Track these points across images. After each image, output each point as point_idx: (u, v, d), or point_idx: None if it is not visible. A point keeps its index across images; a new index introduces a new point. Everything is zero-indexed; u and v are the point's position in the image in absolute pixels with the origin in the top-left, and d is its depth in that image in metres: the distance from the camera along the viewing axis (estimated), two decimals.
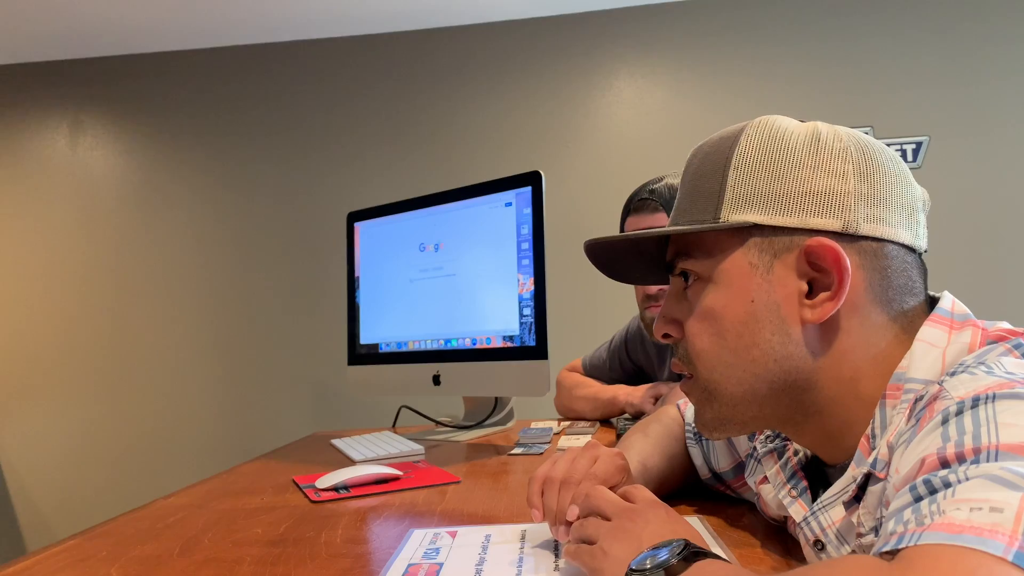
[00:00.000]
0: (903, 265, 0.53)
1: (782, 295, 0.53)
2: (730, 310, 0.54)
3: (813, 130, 0.55)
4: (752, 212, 0.53)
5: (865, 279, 0.52)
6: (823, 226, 0.51)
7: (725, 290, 0.55)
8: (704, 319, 0.56)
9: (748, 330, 0.54)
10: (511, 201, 1.33)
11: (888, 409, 0.49)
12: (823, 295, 0.51)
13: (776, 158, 0.54)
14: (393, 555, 0.66)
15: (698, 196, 0.56)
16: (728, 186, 0.54)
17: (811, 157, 0.53)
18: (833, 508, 0.51)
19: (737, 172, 0.54)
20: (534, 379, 1.24)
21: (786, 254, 0.52)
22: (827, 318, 0.51)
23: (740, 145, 0.55)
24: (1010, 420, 0.37)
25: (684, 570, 0.43)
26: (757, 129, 0.56)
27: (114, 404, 2.95)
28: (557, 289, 1.72)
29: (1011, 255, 2.64)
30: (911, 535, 0.33)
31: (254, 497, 0.97)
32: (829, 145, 0.53)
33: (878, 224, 0.52)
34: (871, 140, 0.55)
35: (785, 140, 0.54)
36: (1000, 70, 2.68)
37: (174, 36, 2.92)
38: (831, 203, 0.52)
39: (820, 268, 0.51)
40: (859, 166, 0.52)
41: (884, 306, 0.52)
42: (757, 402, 0.55)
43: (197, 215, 3.00)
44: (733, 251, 0.54)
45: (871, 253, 0.52)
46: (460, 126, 2.93)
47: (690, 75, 2.84)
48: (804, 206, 0.52)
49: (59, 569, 0.68)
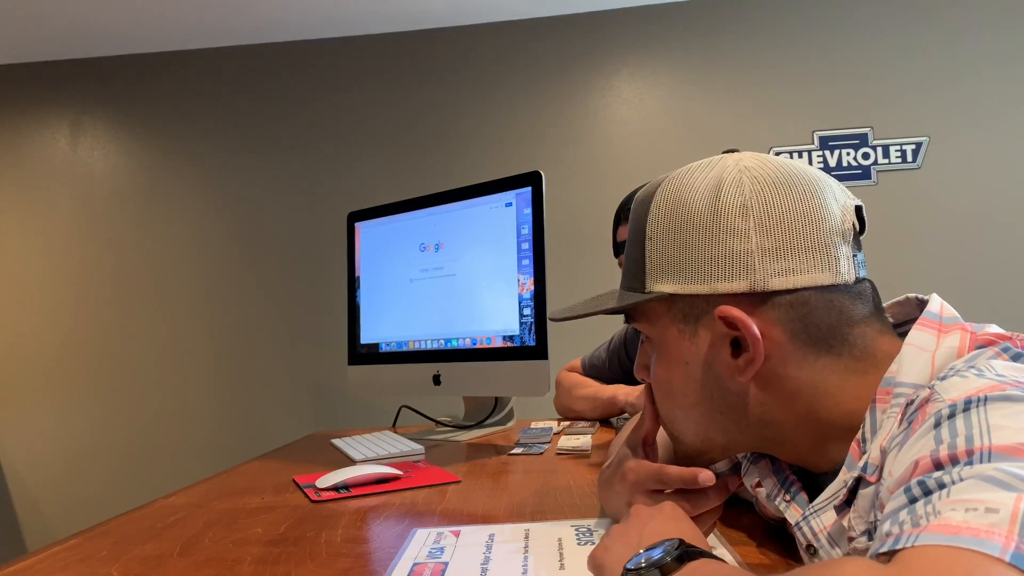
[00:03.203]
0: (827, 306, 0.52)
1: (711, 356, 0.54)
2: (671, 373, 0.58)
3: (715, 185, 0.54)
4: (668, 282, 0.55)
5: (786, 331, 0.52)
6: (731, 289, 0.52)
7: (664, 355, 0.58)
8: (656, 379, 0.60)
9: (690, 390, 0.56)
10: (511, 201, 1.33)
11: (878, 413, 0.49)
12: (745, 356, 0.52)
13: (680, 227, 0.55)
14: (398, 555, 0.66)
15: (630, 262, 0.59)
16: (648, 256, 0.56)
17: (711, 220, 0.53)
18: (824, 513, 0.51)
19: (651, 243, 0.56)
20: (534, 379, 1.24)
21: (705, 318, 0.54)
22: (757, 373, 0.52)
23: (651, 213, 0.57)
24: (1002, 422, 0.37)
25: (677, 569, 0.43)
26: (664, 193, 0.57)
27: (114, 404, 2.96)
28: (557, 289, 1.72)
29: (1010, 255, 2.64)
30: (907, 536, 0.33)
31: (254, 497, 0.97)
32: (728, 203, 0.53)
33: (788, 276, 0.51)
34: (781, 175, 0.53)
35: (686, 205, 0.55)
36: (1000, 71, 2.68)
37: (174, 36, 2.93)
38: (735, 266, 0.52)
39: (738, 328, 0.52)
40: (760, 220, 0.52)
41: (818, 348, 0.52)
42: (718, 444, 0.58)
43: (197, 215, 3.00)
44: (664, 318, 0.57)
45: (787, 305, 0.52)
46: (460, 126, 2.93)
47: (690, 75, 2.84)
48: (711, 272, 0.53)
49: (59, 569, 0.69)
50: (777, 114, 2.78)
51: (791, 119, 2.78)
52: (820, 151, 2.76)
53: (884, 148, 2.73)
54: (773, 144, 2.77)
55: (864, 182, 2.73)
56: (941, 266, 2.66)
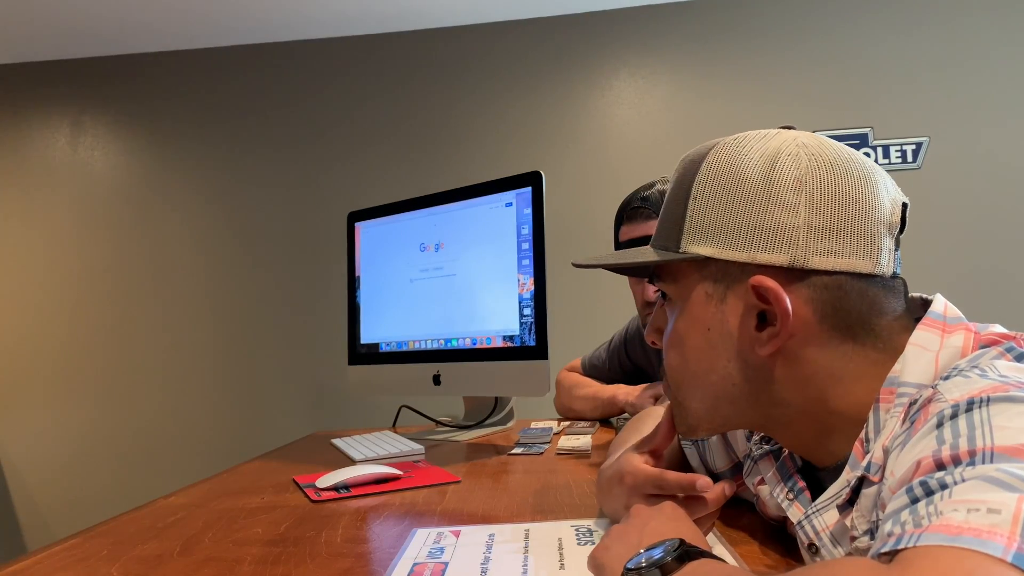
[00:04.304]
0: (860, 294, 0.51)
1: (735, 326, 0.54)
2: (690, 336, 0.57)
3: (772, 156, 0.53)
4: (706, 245, 0.54)
5: (816, 312, 0.51)
6: (770, 261, 0.51)
7: (687, 316, 0.57)
8: (672, 340, 0.59)
9: (706, 356, 0.56)
10: (511, 201, 1.33)
11: (882, 413, 0.49)
12: (770, 330, 0.52)
13: (730, 190, 0.54)
14: (398, 554, 0.66)
15: (667, 221, 0.58)
16: (688, 216, 0.56)
17: (763, 190, 0.52)
18: (827, 512, 0.51)
19: (695, 203, 0.55)
20: (534, 379, 1.24)
21: (737, 286, 0.53)
22: (778, 350, 0.52)
23: (701, 173, 0.56)
24: (1004, 423, 0.37)
25: (678, 569, 0.43)
26: (717, 156, 0.56)
27: (114, 404, 2.95)
28: (557, 289, 1.72)
29: (1010, 255, 2.64)
30: (909, 536, 0.33)
31: (254, 497, 0.97)
32: (784, 174, 0.52)
33: (830, 257, 0.51)
34: (839, 157, 0.53)
35: (740, 170, 0.54)
36: (1000, 70, 2.68)
37: (174, 36, 2.93)
38: (780, 238, 0.51)
39: (768, 301, 0.51)
40: (813, 197, 0.51)
41: (844, 334, 0.51)
42: (721, 414, 0.58)
43: (197, 215, 3.00)
44: (693, 280, 0.56)
45: (822, 286, 0.51)
46: (460, 126, 2.93)
47: (690, 75, 2.84)
48: (753, 241, 0.52)
49: (59, 569, 0.68)
50: (777, 114, 2.78)
51: (791, 119, 2.77)
52: None
53: (884, 148, 2.73)
54: None
55: None
56: (941, 266, 2.66)
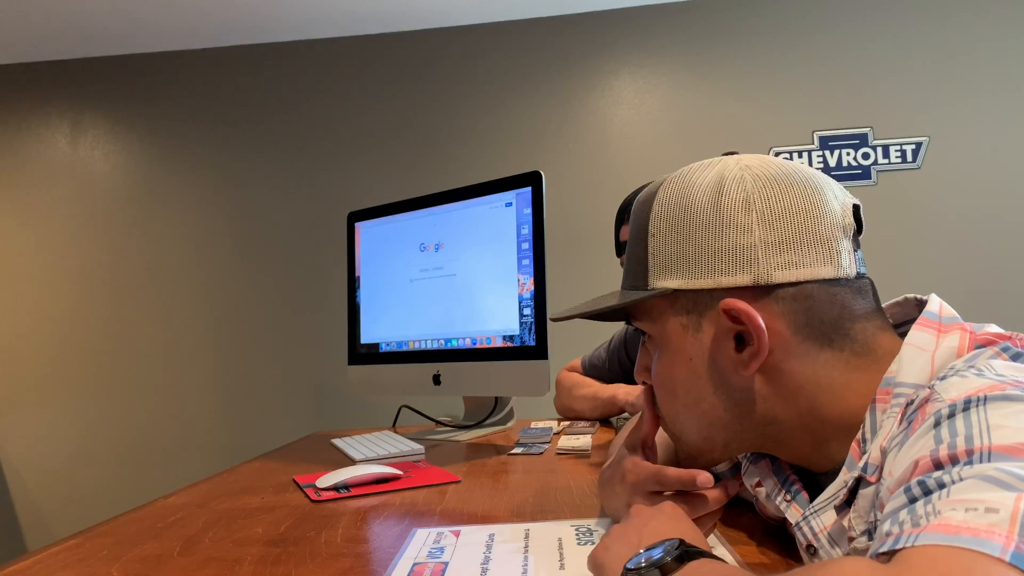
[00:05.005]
0: (829, 299, 0.52)
1: (715, 351, 0.55)
2: (675, 370, 0.58)
3: (718, 182, 0.55)
4: (672, 278, 0.55)
5: (790, 324, 0.52)
6: (735, 283, 0.53)
7: (668, 351, 0.58)
8: (659, 375, 0.60)
9: (693, 387, 0.57)
10: (511, 201, 1.33)
11: (878, 414, 0.49)
12: (749, 349, 0.52)
13: (683, 222, 0.55)
14: (398, 554, 0.66)
15: (632, 262, 0.60)
16: (650, 253, 0.57)
17: (714, 215, 0.54)
18: (824, 513, 0.52)
19: (654, 239, 0.57)
20: (534, 379, 1.24)
21: (710, 312, 0.54)
22: (761, 368, 0.52)
23: (653, 211, 0.57)
24: (1001, 422, 0.37)
25: (678, 569, 0.43)
26: (666, 192, 0.57)
27: (114, 404, 2.96)
28: (557, 289, 1.72)
29: (1010, 255, 2.64)
30: (907, 536, 0.33)
31: (254, 497, 0.97)
32: (731, 197, 0.53)
33: (791, 269, 0.52)
34: (781, 172, 0.54)
35: (689, 202, 0.55)
36: (1000, 71, 2.68)
37: (174, 36, 2.93)
38: (739, 259, 0.52)
39: (742, 322, 0.52)
40: (763, 214, 0.53)
41: (821, 341, 0.52)
42: (720, 443, 0.58)
43: (197, 215, 3.00)
44: (667, 314, 0.57)
45: (790, 298, 0.52)
46: (460, 126, 2.93)
47: (690, 75, 2.84)
48: (715, 266, 0.53)
49: (59, 569, 0.68)
50: (777, 114, 2.78)
51: (791, 119, 2.78)
52: (820, 151, 2.76)
53: (884, 148, 2.73)
54: (773, 144, 2.77)
55: (864, 182, 2.73)
56: (941, 266, 2.66)
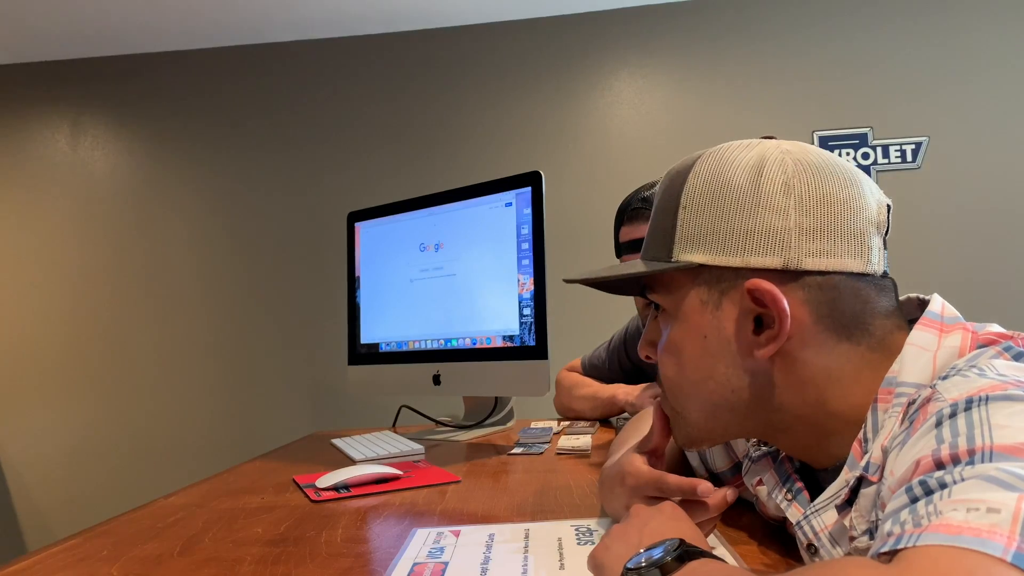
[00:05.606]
0: (854, 293, 0.52)
1: (732, 331, 0.54)
2: (687, 345, 0.57)
3: (758, 162, 0.54)
4: (698, 252, 0.55)
5: (812, 313, 0.52)
6: (764, 264, 0.52)
7: (683, 325, 0.57)
8: (668, 350, 0.59)
9: (704, 364, 0.56)
10: (511, 201, 1.33)
11: (880, 413, 0.49)
12: (768, 332, 0.52)
13: (718, 198, 0.54)
14: (398, 554, 0.66)
15: (657, 232, 0.59)
16: (678, 226, 0.56)
17: (752, 195, 0.53)
18: (826, 512, 0.51)
19: (685, 212, 0.56)
20: (534, 379, 1.24)
21: (732, 291, 0.54)
22: (776, 353, 0.52)
23: (688, 183, 0.56)
24: (1003, 422, 0.37)
25: (678, 569, 0.43)
26: (704, 165, 0.56)
27: (114, 404, 2.95)
28: (557, 289, 1.72)
29: (1010, 255, 2.64)
30: (909, 536, 0.33)
31: (254, 497, 0.97)
32: (771, 179, 0.53)
33: (822, 257, 0.51)
34: (823, 161, 0.54)
35: (727, 178, 0.54)
36: (1000, 70, 2.68)
37: (174, 36, 2.93)
38: (771, 241, 0.52)
39: (764, 305, 0.52)
40: (801, 199, 0.52)
41: (840, 334, 0.52)
42: (722, 424, 0.58)
43: (197, 215, 3.00)
44: (687, 288, 0.56)
45: (816, 287, 0.52)
46: (460, 126, 2.93)
47: (690, 75, 2.84)
48: (745, 246, 0.53)
49: (59, 569, 0.68)
50: (777, 114, 2.78)
51: (791, 119, 2.78)
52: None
53: (884, 148, 2.73)
54: None
55: None
56: (941, 266, 2.66)
